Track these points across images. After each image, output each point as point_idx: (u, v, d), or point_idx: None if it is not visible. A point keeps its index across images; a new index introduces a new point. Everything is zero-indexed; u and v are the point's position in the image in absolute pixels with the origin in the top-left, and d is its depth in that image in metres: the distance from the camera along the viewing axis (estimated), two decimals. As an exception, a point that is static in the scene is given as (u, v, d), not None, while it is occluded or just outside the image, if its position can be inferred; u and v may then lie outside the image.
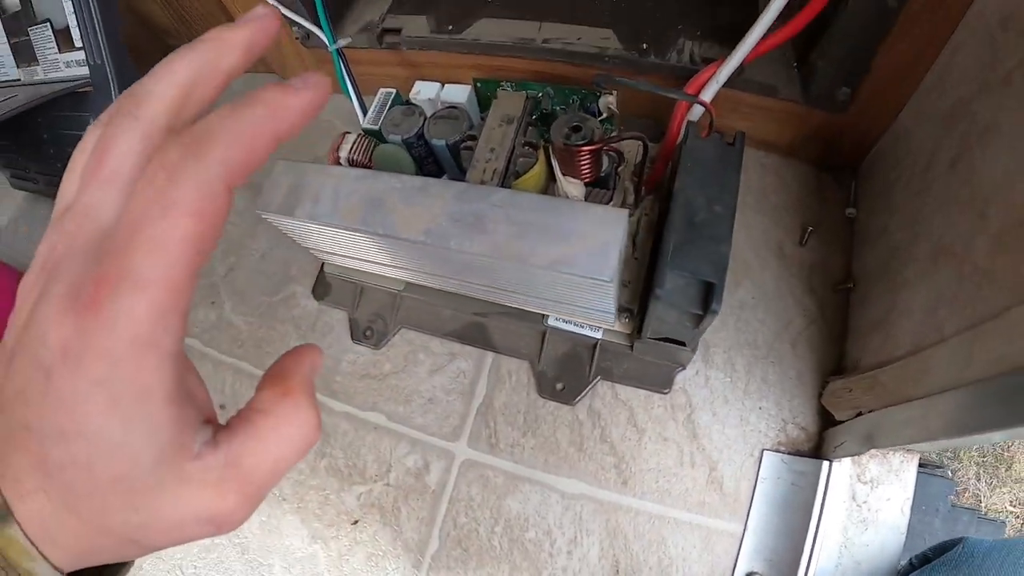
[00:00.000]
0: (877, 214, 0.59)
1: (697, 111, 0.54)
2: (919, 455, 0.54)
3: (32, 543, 0.25)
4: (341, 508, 0.65)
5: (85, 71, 0.77)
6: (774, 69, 0.57)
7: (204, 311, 0.77)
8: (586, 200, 0.53)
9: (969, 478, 1.49)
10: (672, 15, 0.60)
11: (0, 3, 0.84)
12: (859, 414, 0.52)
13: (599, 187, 0.54)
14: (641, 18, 0.60)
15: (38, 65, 0.83)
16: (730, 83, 0.53)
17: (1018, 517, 1.46)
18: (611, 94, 0.55)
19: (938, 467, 1.16)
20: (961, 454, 1.55)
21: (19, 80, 0.88)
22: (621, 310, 0.54)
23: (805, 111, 0.59)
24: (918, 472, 0.55)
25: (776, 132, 0.64)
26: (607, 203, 0.53)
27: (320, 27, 0.62)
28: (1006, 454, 1.53)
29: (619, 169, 0.56)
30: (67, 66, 0.79)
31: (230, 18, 0.77)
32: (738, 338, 0.61)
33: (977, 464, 1.52)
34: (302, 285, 0.73)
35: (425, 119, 0.57)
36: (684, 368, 0.59)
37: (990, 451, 1.53)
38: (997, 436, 0.38)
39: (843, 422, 0.54)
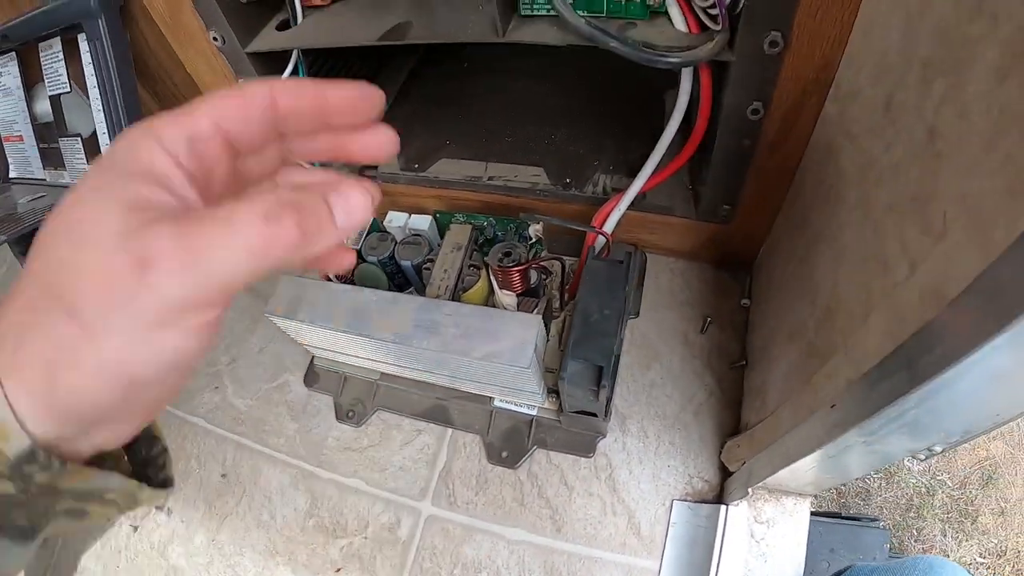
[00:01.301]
0: (763, 303, 0.74)
1: (602, 238, 0.69)
2: (810, 498, 0.66)
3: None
4: (326, 559, 0.75)
5: None
6: (671, 193, 0.73)
7: (208, 394, 0.89)
8: (519, 307, 0.69)
9: (935, 535, 1.53)
10: (590, 152, 0.77)
11: (32, 112, 0.94)
12: (744, 463, 0.65)
13: (530, 296, 0.70)
14: (566, 157, 0.77)
15: (65, 171, 0.93)
16: (638, 207, 0.69)
17: (989, 568, 1.50)
18: (538, 223, 0.72)
19: (872, 520, 1.26)
20: (924, 512, 1.56)
21: (45, 180, 0.97)
22: (549, 391, 0.69)
23: (699, 224, 0.75)
24: (854, 525, 0.68)
25: (678, 242, 0.80)
26: (533, 310, 0.69)
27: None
28: (970, 508, 1.55)
29: (547, 281, 0.72)
30: None
31: None
32: (649, 411, 0.75)
33: (942, 520, 1.55)
34: (294, 375, 0.86)
35: (395, 244, 0.73)
36: (604, 436, 0.72)
37: (954, 506, 1.55)
38: (810, 458, 0.49)
39: (734, 472, 0.67)
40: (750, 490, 0.63)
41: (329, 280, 0.74)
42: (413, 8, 0.62)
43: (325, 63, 0.78)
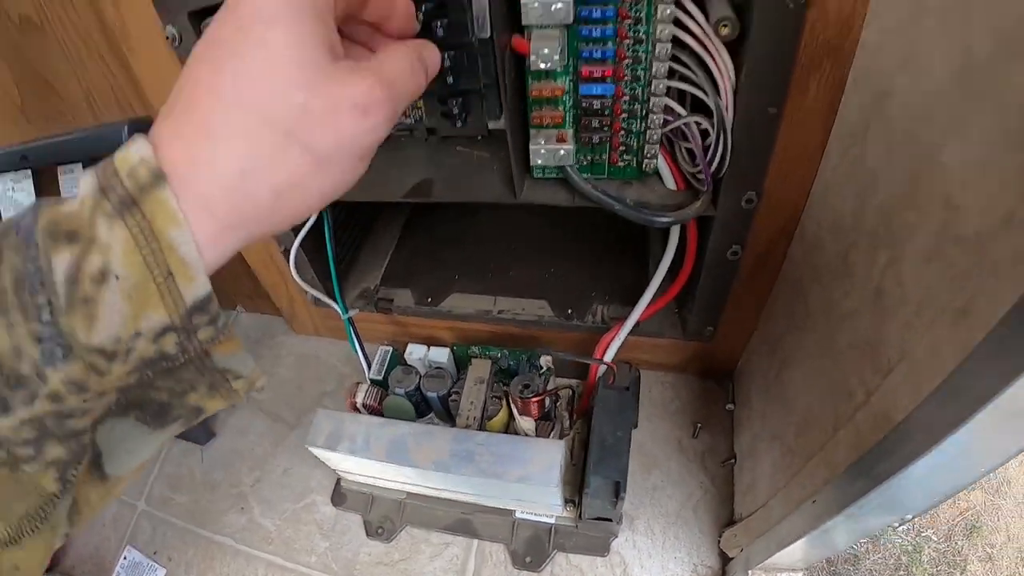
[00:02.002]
0: (745, 407, 0.84)
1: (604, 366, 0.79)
2: (802, 571, 0.72)
3: (180, 206, 0.29)
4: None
5: None
6: (661, 320, 0.83)
7: (235, 515, 0.92)
8: (536, 431, 0.78)
9: (925, 590, 1.56)
10: (587, 285, 0.87)
11: None
12: (742, 549, 0.73)
13: (545, 420, 0.79)
14: (566, 289, 0.88)
15: None
16: (633, 333, 0.79)
17: (979, 615, 1.51)
18: (548, 355, 0.82)
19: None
20: (913, 569, 1.63)
21: None
22: (566, 501, 0.78)
23: (685, 344, 0.86)
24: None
25: (668, 358, 0.91)
26: (551, 432, 0.78)
27: (335, 301, 0.86)
28: (958, 558, 1.63)
29: (557, 404, 0.82)
30: None
31: (247, 267, 0.94)
32: (654, 510, 0.83)
33: (932, 575, 1.64)
34: (320, 495, 0.91)
35: (420, 377, 0.82)
36: (616, 536, 0.80)
37: (942, 559, 1.63)
38: (799, 541, 0.57)
39: (733, 558, 0.75)
40: (749, 572, 0.71)
41: (358, 411, 0.82)
42: (431, 165, 0.71)
43: (344, 207, 0.87)
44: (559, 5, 0.52)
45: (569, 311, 0.85)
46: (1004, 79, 0.31)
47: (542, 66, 0.55)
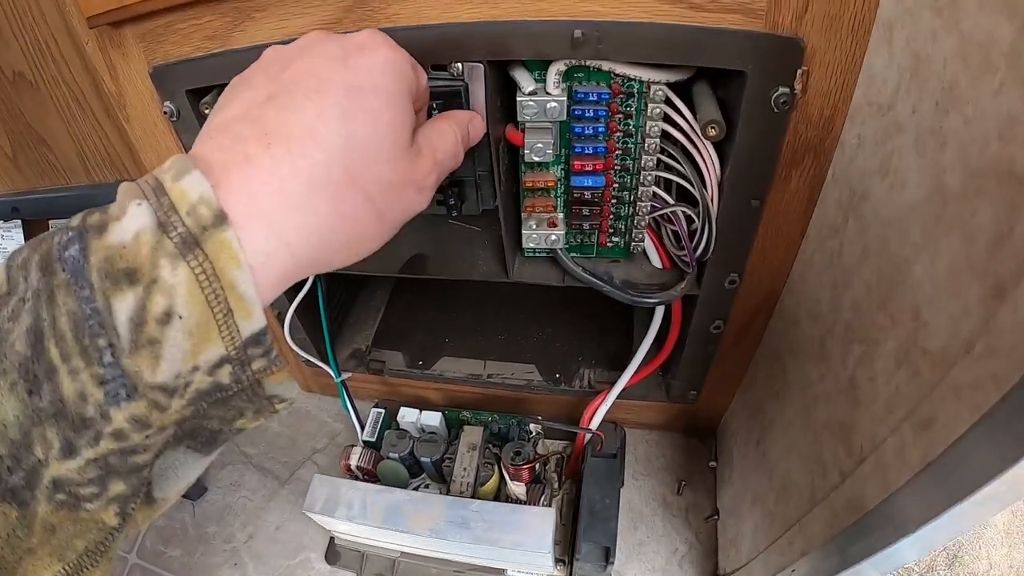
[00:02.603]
0: (727, 466, 0.87)
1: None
2: None
3: (242, 248, 0.30)
4: None
5: None
6: (646, 384, 0.85)
7: (228, 571, 0.91)
8: (526, 494, 0.81)
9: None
10: (574, 349, 0.91)
11: None
12: None
13: (535, 483, 0.81)
14: (553, 354, 0.91)
15: None
16: (618, 396, 0.82)
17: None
18: (537, 422, 0.85)
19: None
20: None
21: None
22: (556, 560, 0.80)
23: (669, 405, 0.89)
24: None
25: (652, 418, 0.95)
26: (541, 495, 0.80)
27: (327, 363, 0.89)
28: None
29: (546, 467, 0.86)
30: None
31: None
32: (641, 566, 0.86)
33: None
34: (315, 552, 0.91)
35: (413, 441, 0.84)
36: None
37: None
38: None
39: None
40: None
41: (352, 472, 0.85)
42: (424, 238, 0.74)
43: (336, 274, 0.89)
44: (553, 104, 0.55)
45: (557, 375, 0.88)
46: (972, 212, 0.33)
47: (535, 159, 0.58)
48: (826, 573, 0.49)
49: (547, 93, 0.55)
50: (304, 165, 0.34)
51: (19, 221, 0.89)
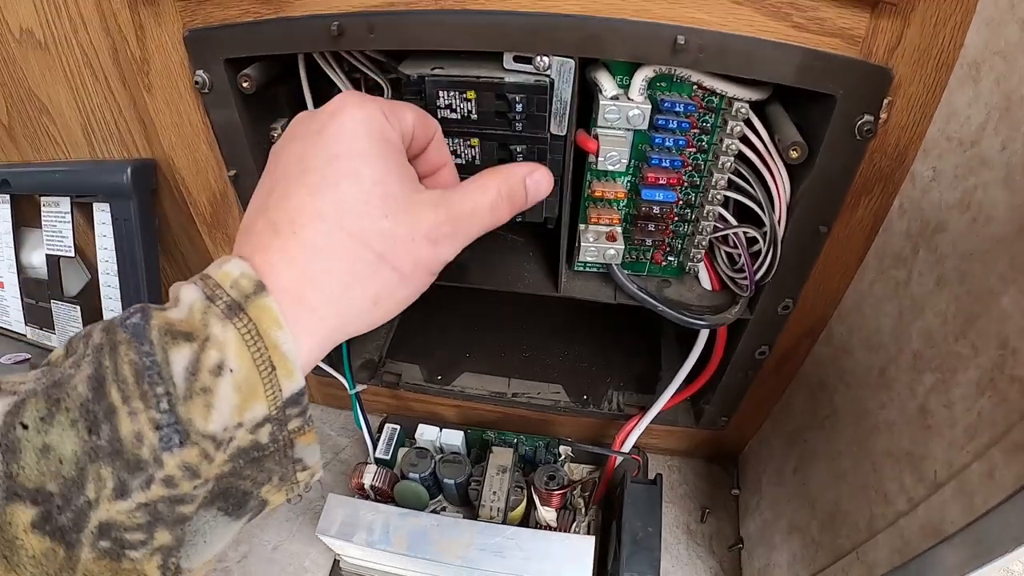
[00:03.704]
0: (752, 493, 0.91)
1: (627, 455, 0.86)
2: None
3: (283, 312, 0.36)
4: None
5: None
6: (675, 409, 0.91)
7: None
8: (557, 520, 0.84)
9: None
10: (602, 369, 0.95)
11: (20, 261, 0.95)
12: None
13: (564, 508, 0.85)
14: (580, 374, 0.95)
15: (53, 333, 0.96)
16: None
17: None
18: (568, 444, 0.90)
19: None
20: None
21: (25, 336, 0.99)
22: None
23: (696, 431, 0.94)
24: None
25: (677, 444, 1.00)
26: (572, 523, 0.84)
27: (343, 375, 0.90)
28: None
29: (574, 492, 0.90)
30: None
31: None
32: (668, 595, 0.89)
33: None
34: (315, 575, 0.92)
35: (435, 462, 0.86)
36: None
37: None
38: None
39: None
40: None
41: (365, 492, 0.87)
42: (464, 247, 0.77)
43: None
44: (636, 112, 0.59)
45: (585, 397, 0.92)
46: None
47: (609, 167, 0.62)
48: None
49: (629, 99, 0.59)
50: (309, 238, 0.39)
51: (8, 196, 0.92)
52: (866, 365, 0.63)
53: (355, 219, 0.40)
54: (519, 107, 0.57)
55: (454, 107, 0.59)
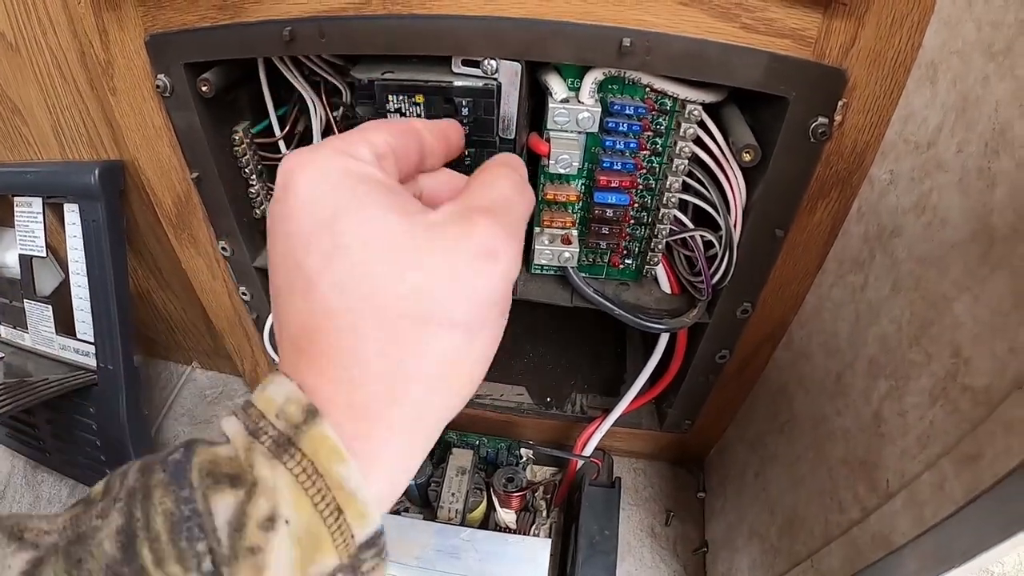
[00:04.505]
0: (718, 498, 0.89)
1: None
2: None
3: (342, 439, 0.28)
4: None
5: (88, 362, 0.87)
6: (639, 412, 0.88)
7: None
8: (516, 522, 0.82)
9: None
10: (566, 372, 0.93)
11: None
12: None
13: (524, 511, 0.83)
14: (545, 376, 0.93)
15: (26, 332, 0.93)
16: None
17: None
18: (529, 447, 0.87)
19: None
20: None
21: None
22: (547, 594, 0.83)
23: (660, 435, 0.91)
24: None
25: (641, 447, 0.97)
26: (531, 526, 0.82)
27: None
28: None
29: (535, 494, 0.87)
30: (63, 348, 0.89)
31: (211, 327, 0.95)
32: (630, 599, 0.87)
33: None
34: None
35: None
36: None
37: None
38: None
39: None
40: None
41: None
42: None
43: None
44: (586, 114, 0.57)
45: (548, 399, 0.90)
46: (1023, 254, 0.36)
47: (560, 170, 0.60)
48: None
49: (580, 102, 0.57)
50: (331, 342, 0.31)
51: (-19, 195, 0.88)
52: (824, 370, 0.61)
53: (371, 295, 0.30)
54: (466, 111, 0.56)
55: (403, 111, 0.57)
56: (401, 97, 0.56)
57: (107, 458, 0.92)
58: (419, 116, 0.56)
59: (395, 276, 0.30)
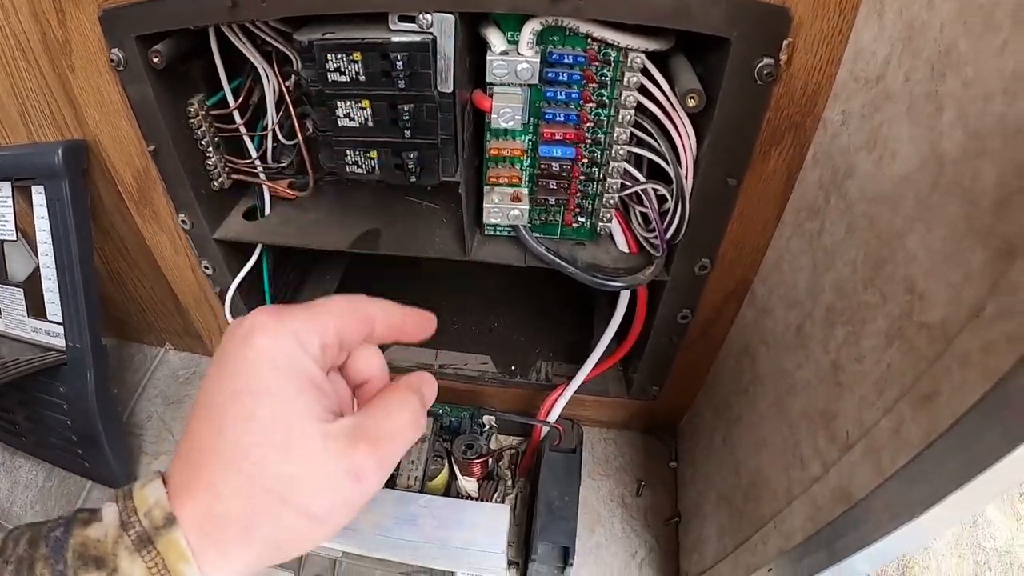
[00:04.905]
0: (689, 466, 0.85)
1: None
2: None
3: (190, 546, 0.33)
4: None
5: (57, 343, 0.85)
6: (605, 378, 0.85)
7: None
8: (478, 490, 0.78)
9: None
10: (530, 341, 0.89)
11: None
12: None
13: (488, 479, 0.79)
14: (508, 345, 0.89)
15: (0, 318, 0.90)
16: (577, 391, 0.80)
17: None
18: (491, 414, 0.83)
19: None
20: None
21: None
22: (509, 563, 0.78)
23: (629, 402, 0.88)
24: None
25: (611, 415, 0.93)
26: (493, 492, 0.78)
27: None
28: None
29: (500, 463, 0.83)
30: (34, 331, 0.87)
31: (179, 305, 0.94)
32: (599, 570, 0.83)
33: None
34: None
35: None
36: None
37: None
38: None
39: None
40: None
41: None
42: (379, 213, 0.72)
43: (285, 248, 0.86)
44: (525, 66, 0.54)
45: (512, 368, 0.87)
46: (973, 175, 0.33)
47: (503, 125, 0.56)
48: (810, 570, 0.48)
49: (519, 54, 0.54)
50: (208, 477, 0.35)
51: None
52: (784, 324, 0.57)
53: (253, 464, 0.35)
54: (400, 65, 0.54)
55: (343, 70, 0.56)
56: (340, 56, 0.55)
57: (78, 437, 0.90)
58: (358, 74, 0.56)
59: (280, 459, 0.35)
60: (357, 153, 0.62)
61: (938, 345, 0.35)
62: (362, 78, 0.56)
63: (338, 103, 0.58)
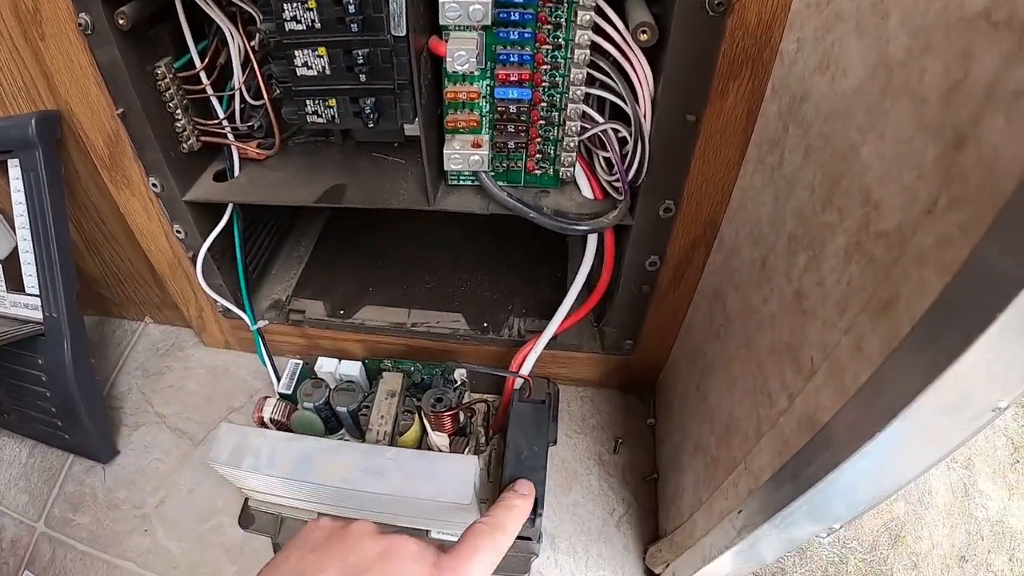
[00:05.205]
0: (667, 421, 0.83)
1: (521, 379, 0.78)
2: None
3: None
4: None
5: (34, 315, 0.84)
6: (579, 332, 0.83)
7: (138, 538, 0.86)
8: (451, 446, 0.75)
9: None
10: (503, 297, 0.87)
11: None
12: (667, 565, 0.72)
13: (460, 435, 0.77)
14: (481, 302, 0.87)
15: None
16: (550, 347, 0.78)
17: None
18: (462, 366, 0.80)
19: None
20: None
21: None
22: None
23: (605, 357, 0.85)
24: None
25: (586, 372, 0.90)
26: (465, 448, 0.76)
27: (243, 310, 0.84)
28: (884, 568, 1.61)
29: (472, 419, 0.80)
30: (13, 305, 0.86)
31: (155, 275, 0.92)
32: (576, 528, 0.81)
33: None
34: (228, 516, 0.85)
35: (330, 391, 0.79)
36: (537, 556, 0.77)
37: (868, 570, 1.61)
38: (726, 554, 0.56)
39: (660, 574, 0.74)
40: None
41: (265, 426, 0.79)
42: (345, 170, 0.71)
43: (257, 208, 0.83)
44: (476, 6, 0.52)
45: (485, 324, 0.85)
46: (919, 73, 0.31)
47: (458, 68, 0.55)
48: (777, 506, 0.46)
49: None
50: None
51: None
52: (750, 261, 0.55)
53: None
54: (353, 9, 0.53)
55: (299, 18, 0.54)
56: (295, 4, 0.54)
57: (57, 409, 0.89)
58: (313, 22, 0.55)
59: None
60: (316, 102, 0.60)
61: (894, 250, 0.33)
62: (317, 25, 0.54)
63: (296, 52, 0.57)
